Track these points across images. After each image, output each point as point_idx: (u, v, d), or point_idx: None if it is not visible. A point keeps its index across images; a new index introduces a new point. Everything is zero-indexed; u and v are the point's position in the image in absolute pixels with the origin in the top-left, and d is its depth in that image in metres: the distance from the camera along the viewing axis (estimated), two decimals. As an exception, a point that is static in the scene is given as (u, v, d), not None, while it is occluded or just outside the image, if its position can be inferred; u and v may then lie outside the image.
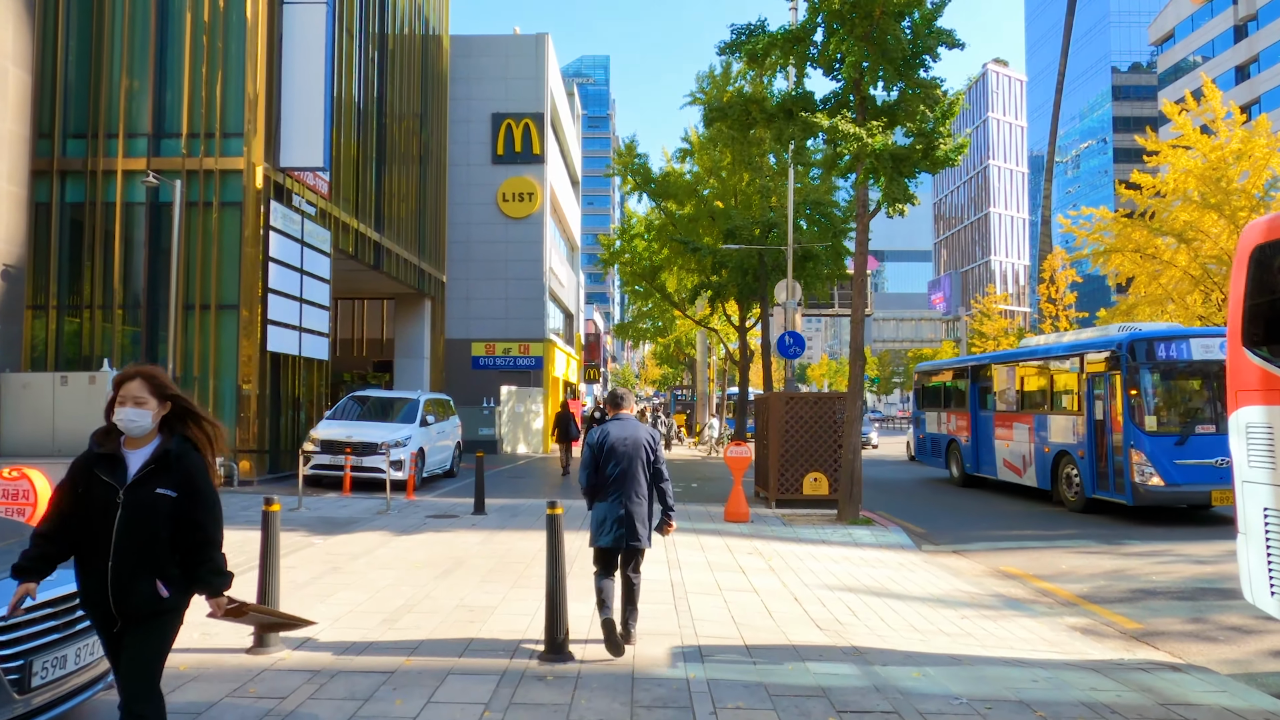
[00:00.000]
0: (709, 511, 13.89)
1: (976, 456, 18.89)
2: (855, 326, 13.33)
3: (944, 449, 20.56)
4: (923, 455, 22.32)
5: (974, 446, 18.98)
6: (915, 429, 23.02)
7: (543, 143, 31.75)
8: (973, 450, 19.02)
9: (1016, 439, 17.19)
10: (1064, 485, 15.31)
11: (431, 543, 10.31)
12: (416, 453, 16.17)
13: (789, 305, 19.34)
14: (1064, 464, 15.35)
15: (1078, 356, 15.27)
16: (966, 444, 19.29)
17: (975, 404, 19.20)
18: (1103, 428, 14.20)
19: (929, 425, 21.77)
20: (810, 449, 14.50)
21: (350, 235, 20.85)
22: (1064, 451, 15.33)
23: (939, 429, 21.06)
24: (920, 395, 22.97)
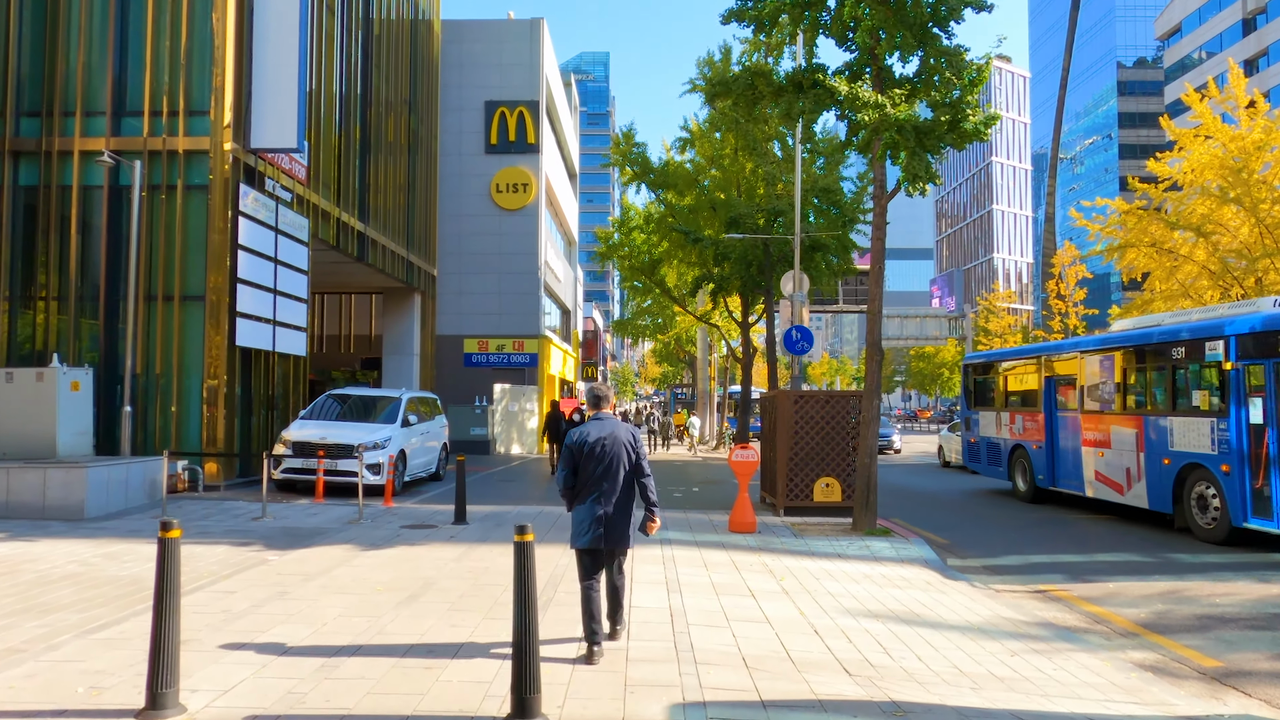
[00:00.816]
0: (712, 520, 12.75)
1: (1052, 466, 15.82)
2: (873, 319, 12.19)
3: (1005, 456, 17.39)
4: (975, 462, 19.10)
5: (1049, 454, 15.88)
6: (965, 431, 19.62)
7: (538, 132, 30.59)
8: (1047, 459, 15.91)
9: (1116, 446, 13.91)
10: (1192, 508, 12.06)
11: (400, 560, 9.16)
12: (396, 455, 15.03)
13: (796, 298, 18.19)
14: (1194, 480, 12.04)
15: (1221, 339, 11.63)
16: (1038, 451, 16.14)
17: (1051, 402, 16.09)
18: (1261, 434, 10.93)
19: (984, 427, 18.61)
20: (821, 452, 13.36)
21: (331, 224, 19.70)
22: (1195, 464, 12.01)
23: (998, 432, 17.87)
24: (972, 392, 19.59)
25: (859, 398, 13.48)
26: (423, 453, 16.75)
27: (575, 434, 5.85)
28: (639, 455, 5.93)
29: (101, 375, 14.89)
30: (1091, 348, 15.25)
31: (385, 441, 14.89)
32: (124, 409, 13.94)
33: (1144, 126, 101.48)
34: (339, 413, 16.01)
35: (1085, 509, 15.47)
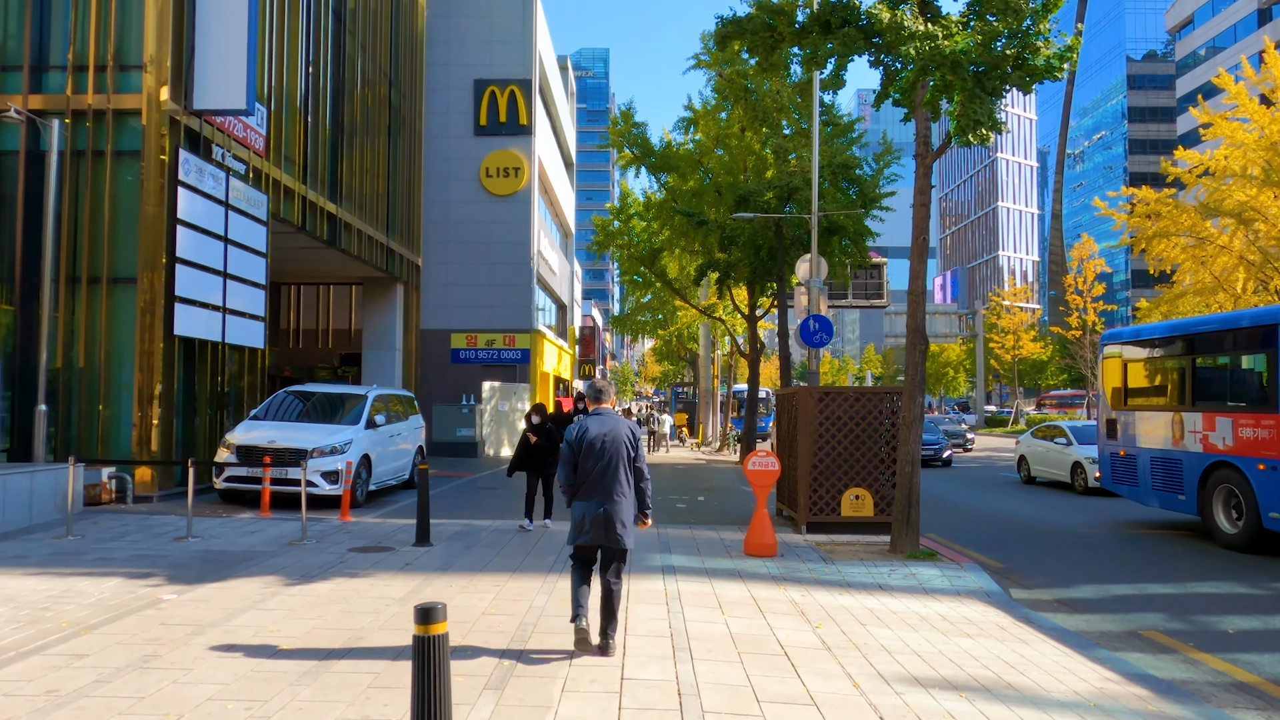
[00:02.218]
0: (723, 540, 10.78)
1: None
2: (915, 300, 10.23)
3: (1196, 479, 11.97)
4: (1125, 485, 13.74)
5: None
6: (1107, 441, 14.30)
7: (530, 112, 28.63)
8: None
9: None
10: None
11: (331, 600, 7.20)
12: (358, 461, 13.08)
13: (813, 284, 16.23)
14: None
15: None
16: (1268, 473, 10.71)
17: None
18: None
19: (1146, 435, 13.19)
20: (850, 459, 11.41)
21: (296, 203, 17.74)
22: None
23: (1178, 441, 12.37)
24: (1123, 386, 14.15)
25: (896, 395, 11.52)
26: (392, 457, 14.79)
27: (574, 429, 5.74)
28: (638, 455, 5.82)
29: (16, 369, 12.93)
30: None
31: (344, 445, 12.93)
32: (38, 408, 11.97)
33: (1154, 121, 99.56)
34: (297, 412, 14.06)
35: None
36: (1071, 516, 14.61)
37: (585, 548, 5.70)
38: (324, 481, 12.55)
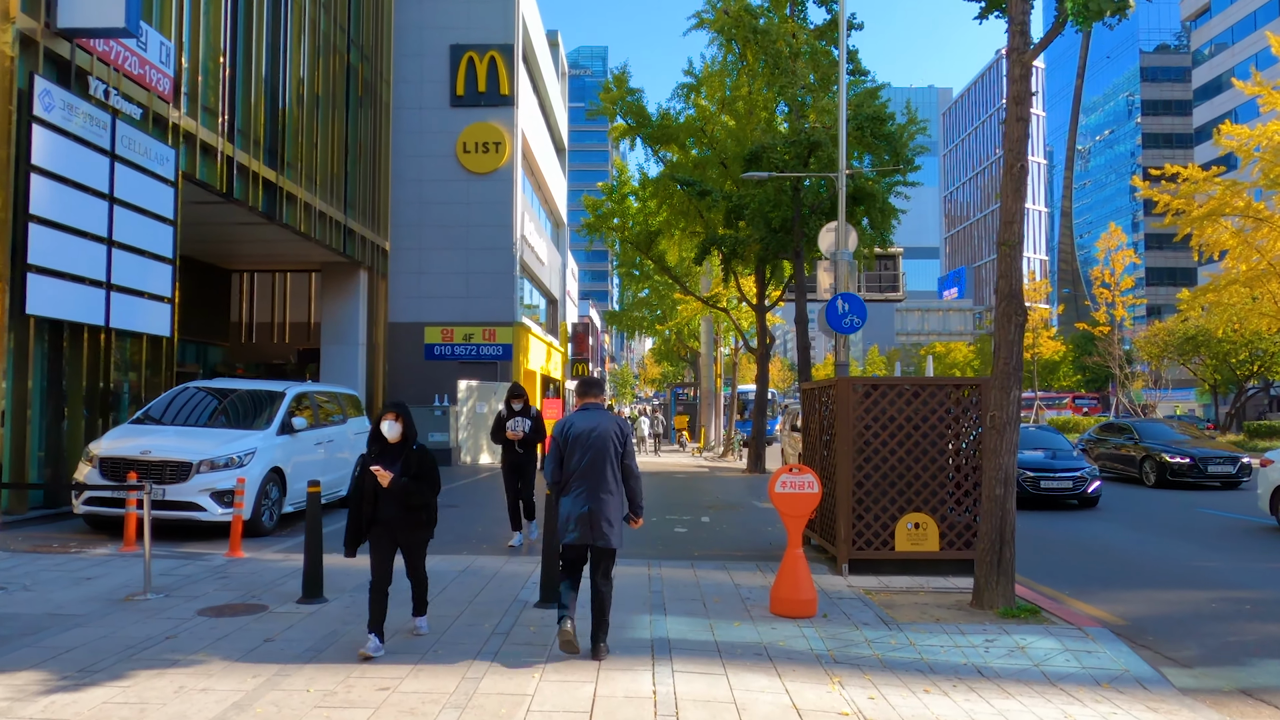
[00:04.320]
0: (739, 589, 7.84)
1: None
2: (1008, 253, 7.29)
3: None
4: None
5: None
6: None
7: (512, 81, 25.72)
8: None
9: None
10: None
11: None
12: (264, 476, 10.15)
13: (841, 256, 13.30)
14: None
15: None
16: None
17: None
18: None
19: None
20: (907, 474, 8.50)
21: (218, 164, 14.83)
22: None
23: None
24: None
25: (974, 388, 8.60)
26: (321, 469, 11.82)
27: (561, 424, 5.63)
28: (626, 451, 5.63)
29: None
30: None
31: (244, 456, 9.99)
32: None
33: (1168, 114, 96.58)
34: (194, 414, 11.11)
35: None
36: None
37: (572, 547, 5.55)
38: (214, 503, 9.61)
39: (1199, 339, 34.51)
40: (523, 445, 9.97)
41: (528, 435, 9.92)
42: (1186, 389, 61.95)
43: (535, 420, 10.05)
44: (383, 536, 7.03)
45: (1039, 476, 14.40)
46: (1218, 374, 35.83)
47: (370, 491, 5.56)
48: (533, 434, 9.96)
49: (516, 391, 10.00)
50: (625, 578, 8.05)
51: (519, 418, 9.91)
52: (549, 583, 6.91)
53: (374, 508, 5.57)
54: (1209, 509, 14.98)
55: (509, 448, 9.97)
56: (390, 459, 5.57)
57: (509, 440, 9.88)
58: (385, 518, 5.59)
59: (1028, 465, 14.37)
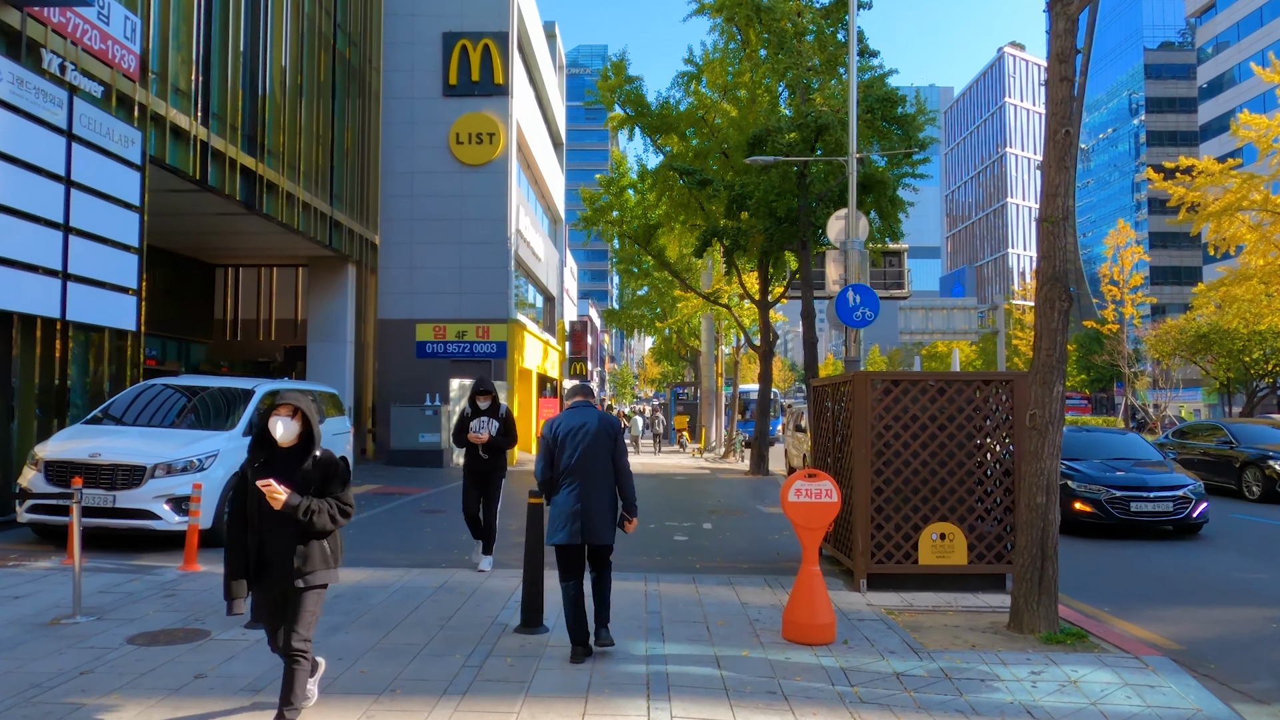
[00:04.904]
0: (746, 608, 7.01)
1: None
2: (1050, 231, 6.46)
3: None
4: None
5: None
6: None
7: (507, 70, 24.88)
8: None
9: None
10: None
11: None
12: (228, 482, 9.31)
13: (852, 245, 12.47)
14: None
15: None
16: None
17: None
18: None
19: None
20: (931, 479, 7.68)
21: (191, 148, 14.00)
22: None
23: None
24: None
25: (1005, 383, 7.77)
26: (294, 474, 10.99)
27: (550, 424, 5.62)
28: (617, 449, 5.56)
29: None
30: None
31: (205, 459, 9.17)
32: None
33: (1172, 112, 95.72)
34: (157, 413, 10.28)
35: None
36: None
37: (565, 547, 5.44)
38: (170, 511, 8.78)
39: (1211, 336, 33.69)
40: (489, 450, 8.40)
41: (495, 439, 8.37)
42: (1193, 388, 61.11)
43: (505, 421, 8.54)
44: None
45: (1129, 497, 11.41)
46: (1230, 372, 35.01)
47: (255, 516, 4.05)
48: (501, 437, 8.44)
49: (482, 386, 8.53)
50: (620, 595, 7.22)
51: (485, 418, 8.44)
52: (531, 603, 6.09)
53: (259, 540, 4.07)
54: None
55: (473, 452, 8.50)
56: (283, 471, 4.04)
57: (472, 443, 8.43)
58: (275, 554, 4.05)
59: (1114, 483, 11.55)
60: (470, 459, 8.51)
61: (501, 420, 8.50)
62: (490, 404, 8.49)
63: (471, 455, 8.49)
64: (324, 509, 4.03)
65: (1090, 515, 11.48)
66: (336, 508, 4.09)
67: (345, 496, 4.14)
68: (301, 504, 3.96)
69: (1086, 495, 11.61)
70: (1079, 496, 11.64)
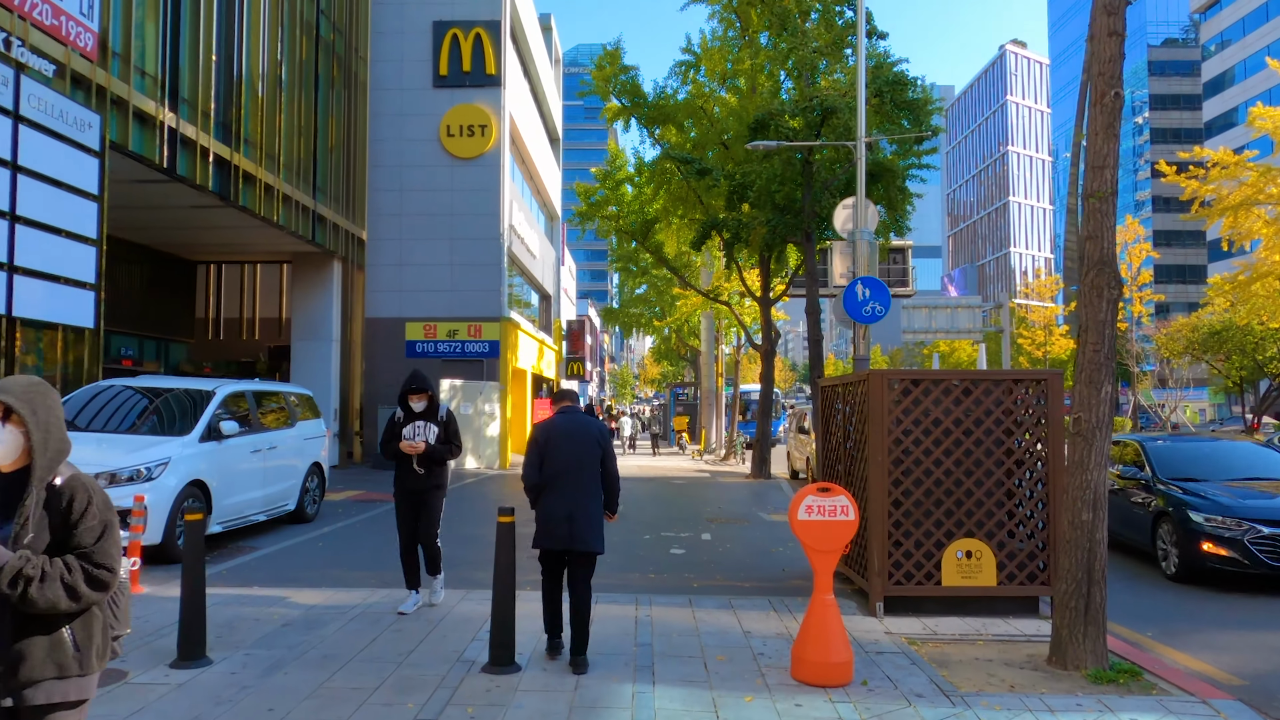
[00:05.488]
0: (747, 635, 6.19)
1: None
2: (1097, 207, 5.65)
3: None
4: None
5: None
6: None
7: (499, 60, 24.07)
8: None
9: None
10: None
11: None
12: (180, 491, 8.51)
13: (861, 236, 11.65)
14: None
15: None
16: None
17: None
18: None
19: None
20: (955, 490, 6.88)
21: (157, 134, 13.19)
22: None
23: None
24: None
25: (1041, 382, 6.95)
26: (260, 481, 10.21)
27: (540, 428, 5.56)
28: (606, 453, 5.54)
29: None
30: None
31: (153, 467, 8.36)
32: None
33: (1176, 109, 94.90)
34: (110, 417, 9.47)
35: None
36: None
37: (551, 552, 5.45)
38: (113, 526, 7.96)
39: (1224, 334, 32.87)
40: (425, 463, 6.70)
41: (433, 448, 6.65)
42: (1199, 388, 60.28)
43: (446, 426, 6.81)
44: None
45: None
46: (1243, 371, 34.20)
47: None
48: (441, 445, 6.73)
49: (415, 383, 6.75)
50: (607, 622, 6.41)
51: (421, 422, 6.73)
52: (501, 638, 5.27)
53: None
54: None
55: (405, 467, 6.72)
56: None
57: (404, 455, 6.65)
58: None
59: (1260, 515, 8.30)
60: (402, 475, 6.74)
61: (442, 425, 6.77)
62: (427, 405, 6.79)
63: (404, 470, 6.73)
64: (56, 575, 2.37)
65: (1226, 560, 8.24)
66: (83, 572, 2.42)
67: (101, 552, 2.45)
68: (7, 567, 2.32)
69: (1220, 533, 8.30)
70: (1208, 535, 8.36)
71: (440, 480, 6.83)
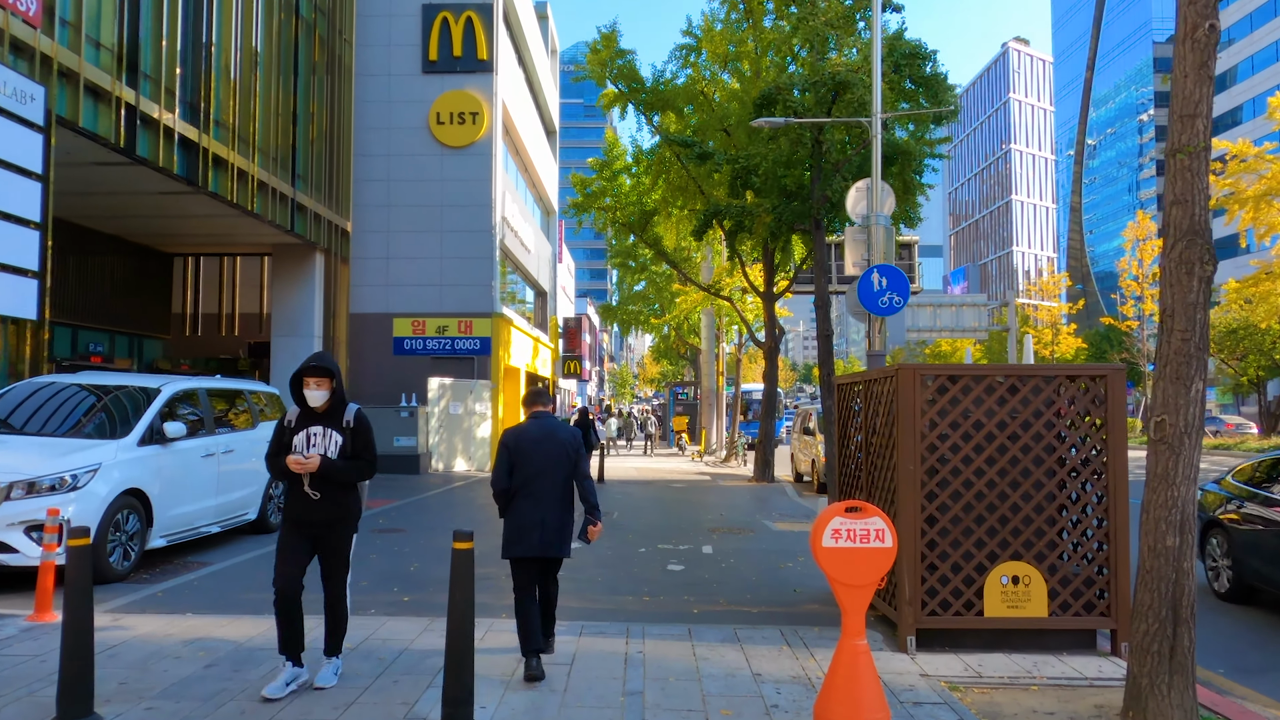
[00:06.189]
0: (757, 677, 5.18)
1: None
2: (1185, 168, 4.64)
3: None
4: None
5: None
6: None
7: (491, 44, 23.08)
8: None
9: None
10: None
11: None
12: (111, 500, 7.52)
13: (878, 221, 10.65)
14: None
15: None
16: None
17: None
18: None
19: None
20: (999, 505, 5.89)
21: (111, 110, 12.18)
22: None
23: None
24: None
25: (1098, 380, 5.96)
26: (212, 489, 9.22)
27: (511, 433, 5.38)
28: (579, 457, 5.42)
29: None
30: None
31: (79, 475, 7.37)
32: None
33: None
34: (44, 418, 8.47)
35: None
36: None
37: (524, 560, 5.27)
38: (29, 541, 6.98)
39: (1241, 333, 31.90)
40: (322, 486, 4.77)
41: (331, 466, 4.75)
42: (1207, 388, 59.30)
43: (355, 434, 4.87)
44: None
45: None
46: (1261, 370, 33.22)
47: None
48: (347, 462, 4.83)
49: (315, 365, 4.74)
50: (592, 662, 5.43)
51: (318, 428, 4.82)
52: (457, 695, 4.26)
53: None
54: None
55: (297, 489, 4.81)
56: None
57: (294, 474, 4.76)
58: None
59: None
60: (294, 500, 4.82)
61: (348, 432, 4.84)
62: (329, 402, 4.81)
63: (296, 494, 4.81)
64: None
65: None
66: None
67: None
68: None
69: None
70: None
71: (347, 509, 4.89)
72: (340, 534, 4.89)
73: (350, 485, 4.92)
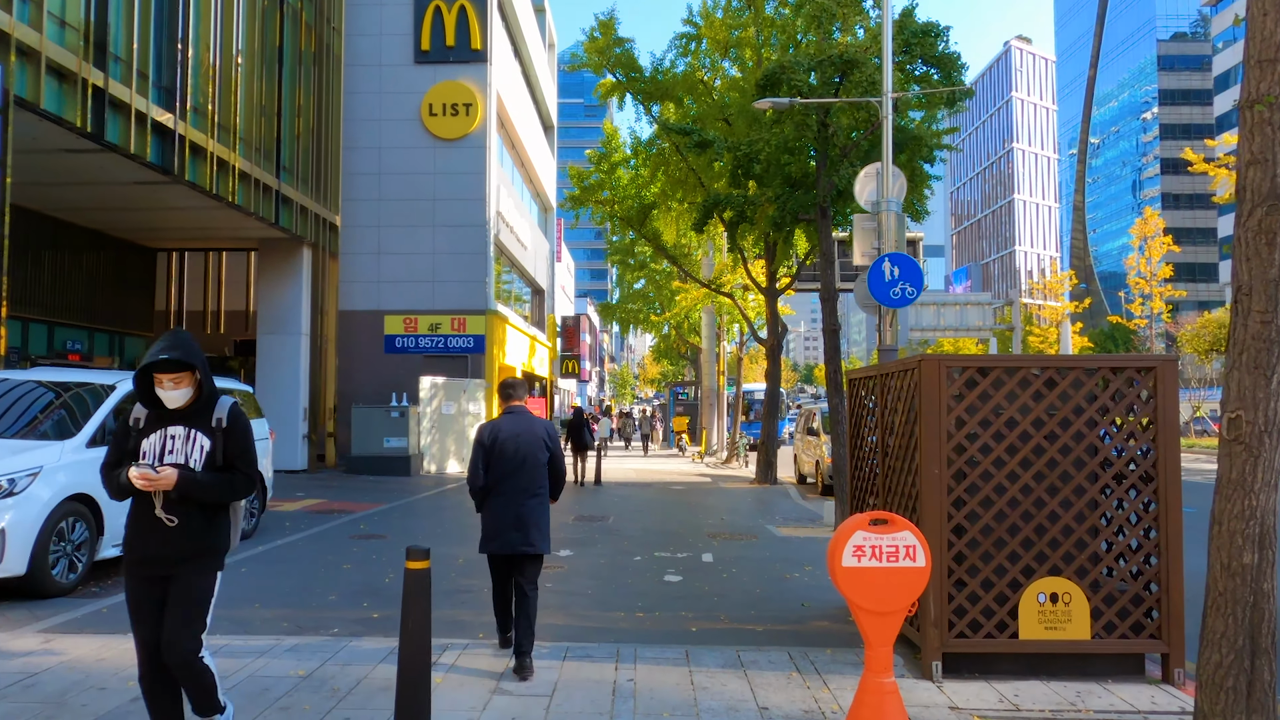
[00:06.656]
0: (762, 711, 4.52)
1: None
2: (1263, 121, 3.98)
3: None
4: None
5: None
6: None
7: (485, 33, 22.45)
8: None
9: None
10: None
11: None
12: (53, 507, 6.87)
13: (888, 207, 9.99)
14: None
15: None
16: None
17: None
18: None
19: None
20: (1036, 516, 5.23)
21: (76, 91, 11.53)
22: None
23: None
24: None
25: (1149, 371, 5.30)
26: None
27: (486, 429, 5.37)
28: (553, 454, 5.43)
29: None
30: None
31: (16, 478, 6.72)
32: None
33: (1186, 104, 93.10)
34: None
35: None
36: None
37: (499, 556, 5.39)
38: (-45, 554, 6.31)
39: (1253, 332, 31.21)
40: (179, 510, 3.50)
41: (192, 480, 3.47)
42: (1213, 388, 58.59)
43: (229, 438, 3.63)
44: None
45: None
46: (1273, 370, 32.56)
47: None
48: (216, 476, 3.58)
49: (169, 349, 3.44)
50: (575, 692, 4.76)
51: (178, 429, 3.57)
52: (410, 739, 3.62)
53: None
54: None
55: (145, 512, 3.51)
56: None
57: (139, 491, 3.49)
58: None
59: None
60: (138, 532, 3.55)
61: (219, 435, 3.60)
62: (192, 400, 3.58)
63: (141, 520, 3.54)
64: None
65: None
66: None
67: None
68: None
69: None
70: None
71: (212, 540, 3.61)
72: (197, 570, 3.54)
73: (220, 507, 3.63)
